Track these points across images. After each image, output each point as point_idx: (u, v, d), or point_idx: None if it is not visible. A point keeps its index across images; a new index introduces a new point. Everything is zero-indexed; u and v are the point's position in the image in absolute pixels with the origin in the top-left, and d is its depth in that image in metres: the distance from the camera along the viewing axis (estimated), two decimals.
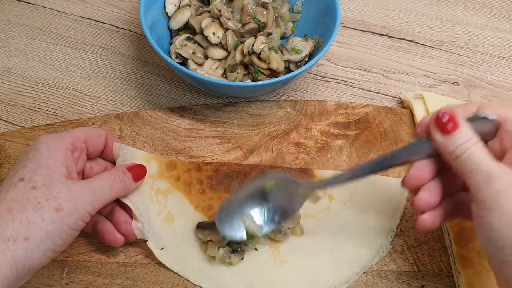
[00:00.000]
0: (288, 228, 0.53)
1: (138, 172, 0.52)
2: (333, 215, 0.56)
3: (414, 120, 0.65)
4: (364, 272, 0.53)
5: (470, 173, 0.39)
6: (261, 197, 0.51)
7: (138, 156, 0.58)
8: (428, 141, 0.43)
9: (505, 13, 0.82)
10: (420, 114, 0.65)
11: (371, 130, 0.64)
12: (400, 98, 0.69)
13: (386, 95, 0.71)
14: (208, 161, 0.60)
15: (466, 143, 0.39)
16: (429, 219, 0.43)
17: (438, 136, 0.41)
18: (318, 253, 0.54)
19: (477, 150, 0.39)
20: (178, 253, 0.52)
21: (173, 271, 0.52)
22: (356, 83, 0.72)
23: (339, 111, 0.65)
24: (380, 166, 0.45)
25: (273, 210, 0.51)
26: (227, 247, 0.51)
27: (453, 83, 0.72)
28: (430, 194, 0.43)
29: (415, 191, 0.44)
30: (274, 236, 0.52)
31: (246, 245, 0.52)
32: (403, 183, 0.44)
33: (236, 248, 0.52)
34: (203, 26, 0.64)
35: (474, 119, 0.42)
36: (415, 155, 0.44)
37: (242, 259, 0.52)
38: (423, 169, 0.43)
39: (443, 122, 0.40)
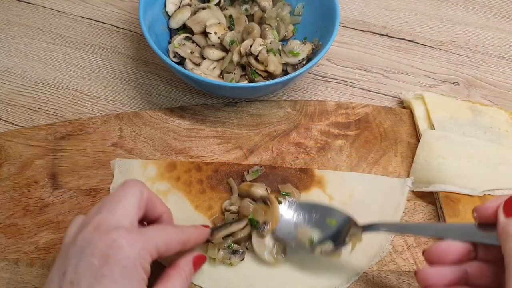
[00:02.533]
0: (285, 248, 0.52)
1: (200, 262, 0.47)
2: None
3: (414, 120, 0.65)
4: (364, 272, 0.53)
5: None
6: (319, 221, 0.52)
7: (134, 165, 0.58)
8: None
9: (505, 13, 0.82)
10: (420, 114, 0.65)
11: (371, 130, 0.64)
12: (400, 98, 0.69)
13: (386, 95, 0.71)
14: (208, 161, 0.60)
15: None
16: None
17: (501, 217, 0.37)
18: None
19: None
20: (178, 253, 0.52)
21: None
22: (356, 83, 0.72)
23: (339, 111, 0.65)
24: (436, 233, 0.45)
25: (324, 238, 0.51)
26: (228, 249, 0.51)
27: (453, 83, 0.72)
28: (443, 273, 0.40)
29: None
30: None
31: (247, 248, 0.53)
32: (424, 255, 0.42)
33: (237, 249, 0.52)
34: (207, 24, 0.64)
35: None
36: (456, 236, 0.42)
37: (243, 259, 0.52)
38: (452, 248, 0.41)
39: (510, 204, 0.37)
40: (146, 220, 0.45)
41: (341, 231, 0.51)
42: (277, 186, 0.57)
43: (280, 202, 0.55)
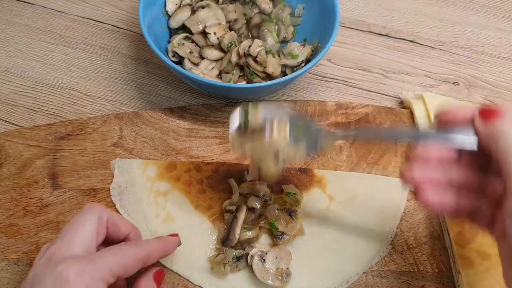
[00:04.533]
0: (287, 268, 0.52)
1: (161, 277, 0.46)
2: (333, 215, 0.56)
3: (414, 120, 0.65)
4: (364, 272, 0.53)
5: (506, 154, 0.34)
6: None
7: (134, 165, 0.58)
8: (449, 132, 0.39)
9: (505, 13, 0.82)
10: (420, 114, 0.65)
11: None
12: (400, 98, 0.69)
13: (386, 95, 0.71)
14: (208, 161, 0.60)
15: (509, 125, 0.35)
16: (432, 197, 0.38)
17: (479, 123, 0.37)
18: (318, 253, 0.54)
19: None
20: (178, 253, 0.52)
21: (173, 271, 0.52)
22: (356, 83, 0.72)
23: (339, 111, 0.65)
24: (392, 136, 0.43)
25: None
26: (232, 260, 0.51)
27: (453, 83, 0.72)
28: (430, 171, 0.39)
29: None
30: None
31: (248, 250, 0.53)
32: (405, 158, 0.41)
33: (240, 254, 0.52)
34: (207, 24, 0.64)
35: None
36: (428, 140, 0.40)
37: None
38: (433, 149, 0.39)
39: (486, 110, 0.37)
40: (113, 242, 0.44)
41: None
42: (280, 186, 0.58)
43: (285, 202, 0.55)
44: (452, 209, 0.39)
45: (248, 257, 0.52)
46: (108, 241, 0.44)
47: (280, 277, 0.50)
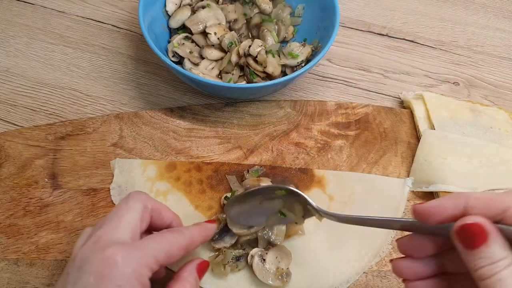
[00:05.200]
0: (287, 268, 0.51)
1: (203, 269, 0.46)
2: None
3: (414, 120, 0.65)
4: (364, 272, 0.53)
5: None
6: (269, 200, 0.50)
7: (134, 165, 0.58)
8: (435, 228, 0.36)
9: (505, 13, 0.82)
10: (420, 114, 0.65)
11: (371, 130, 0.64)
12: (400, 98, 0.69)
13: (386, 95, 0.71)
14: (208, 161, 0.60)
15: (494, 264, 0.31)
16: None
17: (460, 247, 0.33)
18: (318, 253, 0.54)
19: (507, 276, 0.31)
20: None
21: (173, 271, 0.52)
22: (356, 83, 0.72)
23: (339, 111, 0.65)
24: (380, 224, 0.42)
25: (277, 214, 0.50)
26: (231, 260, 0.51)
27: (453, 83, 0.72)
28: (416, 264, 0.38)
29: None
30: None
31: (246, 250, 0.52)
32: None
33: (240, 254, 0.52)
34: (207, 24, 0.64)
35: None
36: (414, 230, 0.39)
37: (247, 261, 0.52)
38: (419, 244, 0.38)
39: (469, 235, 0.32)
40: (155, 230, 0.45)
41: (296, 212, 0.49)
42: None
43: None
44: None
45: (248, 257, 0.52)
46: (151, 229, 0.44)
47: (280, 277, 0.50)
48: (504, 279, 0.31)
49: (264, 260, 0.51)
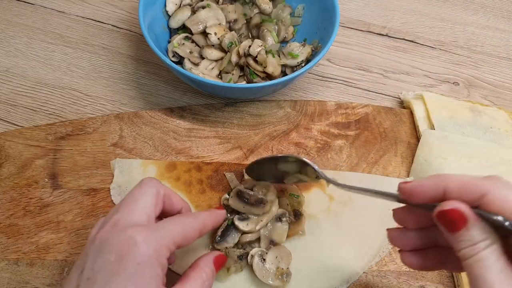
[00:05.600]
0: (287, 268, 0.52)
1: (221, 262, 0.47)
2: (334, 215, 0.56)
3: (414, 120, 0.65)
4: (364, 272, 0.53)
5: (473, 280, 0.33)
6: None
7: (134, 165, 0.58)
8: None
9: (504, 13, 0.82)
10: (420, 114, 0.65)
11: (371, 130, 0.64)
12: (400, 98, 0.69)
13: (386, 95, 0.71)
14: (208, 161, 0.60)
15: (474, 245, 0.33)
16: (409, 260, 0.41)
17: (442, 229, 0.35)
18: (319, 253, 0.54)
19: (486, 256, 0.33)
20: (178, 253, 0.52)
21: (173, 271, 0.52)
22: (356, 83, 0.72)
23: (339, 111, 0.65)
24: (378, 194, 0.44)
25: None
26: (237, 259, 0.51)
27: (453, 83, 0.73)
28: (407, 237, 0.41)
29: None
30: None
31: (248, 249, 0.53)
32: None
33: (241, 253, 0.52)
34: (208, 25, 0.64)
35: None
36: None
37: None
38: (405, 217, 0.42)
39: (449, 219, 0.34)
40: (167, 216, 0.46)
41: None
42: (281, 186, 0.58)
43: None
44: (429, 266, 0.41)
45: (248, 257, 0.52)
46: (163, 215, 0.45)
47: (280, 277, 0.50)
48: (484, 259, 0.33)
49: (264, 260, 0.51)
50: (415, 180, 0.38)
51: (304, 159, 0.51)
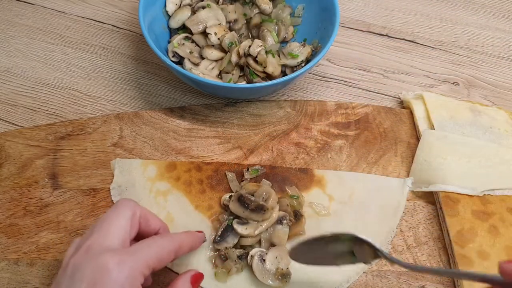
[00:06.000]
0: (287, 268, 0.51)
1: (198, 280, 0.46)
2: (333, 215, 0.56)
3: (414, 120, 0.65)
4: (364, 272, 0.53)
5: None
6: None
7: (134, 165, 0.58)
8: None
9: (505, 13, 0.82)
10: (420, 114, 0.65)
11: (371, 130, 0.64)
12: (400, 98, 0.69)
13: (386, 95, 0.71)
14: (208, 161, 0.60)
15: None
16: None
17: None
18: None
19: None
20: None
21: (173, 271, 0.52)
22: (356, 83, 0.72)
23: (339, 111, 0.65)
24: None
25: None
26: (236, 259, 0.51)
27: (453, 83, 0.73)
28: None
29: None
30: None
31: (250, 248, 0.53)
32: None
33: (241, 253, 0.52)
34: (208, 25, 0.64)
35: None
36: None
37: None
38: None
39: None
40: (143, 237, 0.45)
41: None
42: (280, 186, 0.58)
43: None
44: None
45: (248, 257, 0.52)
46: (139, 236, 0.44)
47: (280, 277, 0.50)
48: None
49: (264, 260, 0.51)
50: None
51: (362, 236, 0.44)
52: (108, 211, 0.43)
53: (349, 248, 0.46)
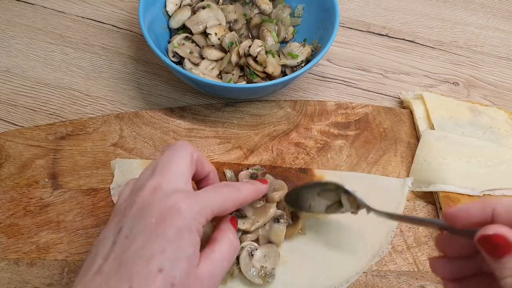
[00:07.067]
0: (273, 268, 0.52)
1: (235, 222, 0.46)
2: (333, 215, 0.56)
3: (414, 120, 0.65)
4: (364, 272, 0.53)
5: None
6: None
7: (134, 165, 0.59)
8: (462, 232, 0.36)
9: (504, 13, 0.82)
10: (419, 114, 0.65)
11: (371, 130, 0.64)
12: (400, 98, 0.69)
13: (386, 95, 0.71)
14: None
15: None
16: None
17: (484, 254, 0.33)
18: (318, 253, 0.54)
19: None
20: None
21: None
22: (356, 83, 0.72)
23: (339, 111, 0.66)
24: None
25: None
26: (235, 262, 0.51)
27: (453, 83, 0.73)
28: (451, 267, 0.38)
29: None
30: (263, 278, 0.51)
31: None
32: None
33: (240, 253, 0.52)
34: (208, 25, 0.64)
35: None
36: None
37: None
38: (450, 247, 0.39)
39: (492, 245, 0.32)
40: (195, 179, 0.46)
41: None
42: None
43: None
44: None
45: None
46: (193, 178, 0.44)
47: (263, 276, 0.50)
48: None
49: (252, 255, 0.51)
50: (459, 205, 0.36)
51: (342, 185, 0.49)
52: (166, 153, 0.42)
53: (338, 198, 0.50)
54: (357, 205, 0.49)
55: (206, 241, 0.42)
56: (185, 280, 0.35)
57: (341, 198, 0.50)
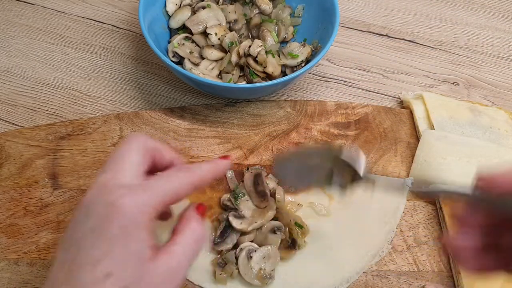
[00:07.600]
0: (272, 270, 0.51)
1: (203, 210, 0.44)
2: (333, 215, 0.56)
3: (414, 120, 0.65)
4: (364, 272, 0.53)
5: None
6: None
7: None
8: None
9: (504, 13, 0.82)
10: (419, 114, 0.65)
11: (371, 130, 0.64)
12: (400, 98, 0.69)
13: (386, 95, 0.71)
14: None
15: None
16: (473, 264, 0.36)
17: None
18: (318, 253, 0.54)
19: None
20: None
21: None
22: (356, 83, 0.72)
23: (339, 111, 0.66)
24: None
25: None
26: (234, 262, 0.51)
27: (453, 83, 0.73)
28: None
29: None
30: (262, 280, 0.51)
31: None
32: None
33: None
34: (208, 25, 0.64)
35: None
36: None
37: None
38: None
39: None
40: (157, 170, 0.43)
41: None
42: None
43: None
44: (492, 269, 0.37)
45: (237, 249, 0.52)
46: (154, 169, 0.43)
47: (262, 278, 0.50)
48: None
49: (251, 257, 0.51)
50: (497, 171, 0.34)
51: (343, 156, 0.44)
52: (119, 145, 0.41)
53: (330, 173, 0.46)
54: (351, 179, 0.45)
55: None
56: (138, 279, 0.34)
57: (334, 173, 0.46)
